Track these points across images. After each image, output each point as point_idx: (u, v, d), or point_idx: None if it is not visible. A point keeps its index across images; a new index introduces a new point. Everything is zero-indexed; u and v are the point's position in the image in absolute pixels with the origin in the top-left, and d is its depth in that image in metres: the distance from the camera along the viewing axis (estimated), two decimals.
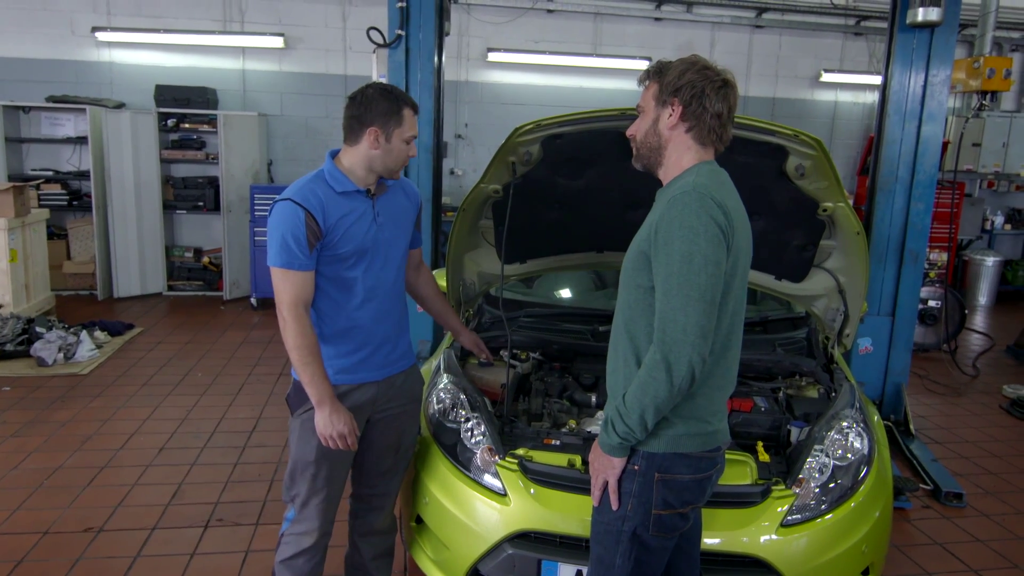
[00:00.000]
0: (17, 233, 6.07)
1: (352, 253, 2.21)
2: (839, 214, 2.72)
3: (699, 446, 1.84)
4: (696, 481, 1.85)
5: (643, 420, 1.75)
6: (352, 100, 2.22)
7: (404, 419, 2.47)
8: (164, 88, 7.45)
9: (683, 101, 1.80)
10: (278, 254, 2.13)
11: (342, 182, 2.21)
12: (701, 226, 1.68)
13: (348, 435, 2.17)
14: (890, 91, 4.20)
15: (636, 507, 1.84)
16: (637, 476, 1.83)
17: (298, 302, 2.14)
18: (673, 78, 1.81)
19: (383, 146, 2.19)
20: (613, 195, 2.94)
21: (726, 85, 1.81)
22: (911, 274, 4.38)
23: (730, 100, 1.81)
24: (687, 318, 1.67)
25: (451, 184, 8.30)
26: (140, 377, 5.23)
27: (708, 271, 1.67)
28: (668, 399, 1.72)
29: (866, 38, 9.05)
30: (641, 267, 1.80)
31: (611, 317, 3.30)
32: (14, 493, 3.56)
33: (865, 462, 2.50)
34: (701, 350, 1.68)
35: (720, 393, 1.88)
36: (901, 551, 3.32)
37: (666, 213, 1.73)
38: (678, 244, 1.68)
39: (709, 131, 1.82)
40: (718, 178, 1.81)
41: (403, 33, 4.21)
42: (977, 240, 8.92)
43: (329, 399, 2.15)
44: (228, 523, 3.36)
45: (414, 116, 2.25)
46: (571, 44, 8.45)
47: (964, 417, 5.12)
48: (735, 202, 1.81)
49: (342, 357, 2.28)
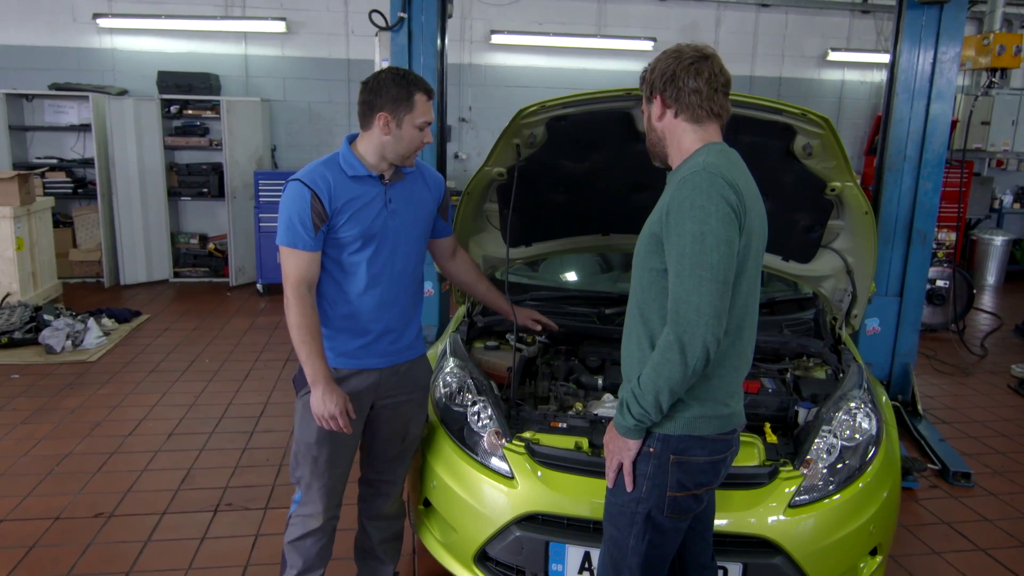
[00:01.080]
0: (23, 221, 6.08)
1: (357, 237, 2.19)
2: (847, 194, 2.69)
3: (715, 428, 1.83)
4: (711, 463, 1.85)
5: (658, 402, 1.74)
6: (364, 85, 2.19)
7: (411, 407, 2.46)
8: (166, 74, 7.43)
9: (659, 90, 1.84)
10: (284, 233, 2.15)
11: (354, 166, 2.20)
12: (712, 206, 1.67)
13: (339, 416, 2.14)
14: (898, 69, 4.14)
15: (651, 489, 1.84)
16: (652, 458, 1.83)
17: (301, 282, 2.14)
18: (648, 74, 1.88)
19: (394, 132, 2.16)
20: (618, 177, 2.92)
21: (701, 60, 1.80)
22: (919, 254, 4.35)
23: (705, 72, 1.80)
24: (700, 299, 1.66)
25: (455, 168, 8.27)
26: (148, 364, 5.26)
27: (720, 251, 1.66)
28: (682, 380, 1.71)
29: (874, 16, 8.94)
30: (654, 250, 1.79)
31: (617, 300, 3.34)
32: (25, 479, 3.58)
33: (873, 442, 2.49)
34: (715, 331, 1.67)
35: (736, 374, 1.87)
36: (909, 531, 3.32)
37: (676, 194, 1.72)
38: (689, 224, 1.67)
39: (694, 108, 1.81)
40: (729, 158, 1.79)
41: (405, 16, 4.17)
42: (985, 219, 8.85)
43: (324, 379, 2.14)
44: (237, 507, 3.38)
45: (427, 101, 2.19)
46: (575, 25, 8.38)
47: (972, 397, 5.10)
48: (747, 181, 1.79)
49: (344, 341, 2.27)
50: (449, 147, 7.82)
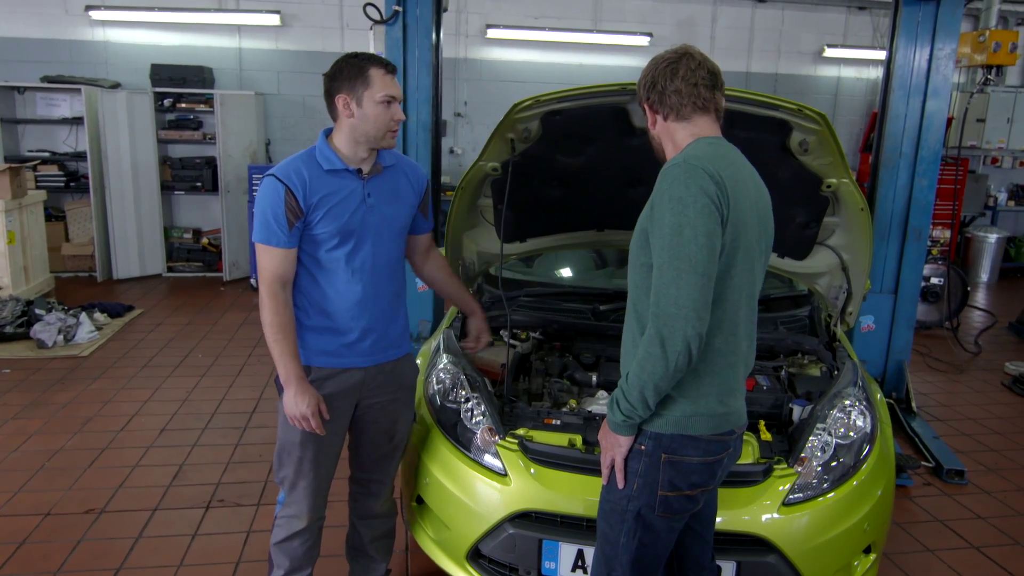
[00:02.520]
0: (15, 215, 6.03)
1: (334, 234, 2.15)
2: (843, 190, 2.68)
3: (709, 428, 1.80)
4: (705, 464, 1.82)
5: (643, 397, 1.72)
6: (324, 76, 2.16)
7: (397, 407, 2.42)
8: (160, 67, 7.38)
9: (645, 99, 1.89)
10: (259, 229, 2.12)
11: (330, 160, 2.15)
12: (690, 197, 1.65)
13: (311, 417, 2.10)
14: (895, 66, 4.13)
15: (642, 487, 1.82)
16: (644, 456, 1.81)
17: (275, 279, 2.12)
18: (638, 87, 1.93)
19: (356, 112, 2.11)
20: (613, 172, 2.90)
21: (673, 60, 1.82)
22: (914, 251, 4.35)
23: (680, 70, 1.80)
24: (679, 291, 1.64)
25: (450, 163, 8.24)
26: (140, 359, 5.23)
27: (698, 243, 1.64)
28: (665, 376, 1.69)
29: (870, 12, 8.93)
30: (643, 245, 1.77)
31: (611, 296, 3.33)
32: (15, 475, 3.56)
33: (867, 440, 2.48)
34: (696, 325, 1.65)
35: (731, 372, 1.84)
36: (903, 528, 3.32)
37: (658, 187, 1.73)
38: (668, 217, 1.67)
39: (678, 107, 1.82)
40: (716, 150, 1.77)
41: (400, 9, 4.14)
42: (980, 217, 8.87)
43: (296, 379, 2.10)
44: (229, 504, 3.36)
45: (385, 75, 2.11)
46: (570, 20, 8.35)
47: (966, 394, 5.11)
48: (735, 173, 1.76)
49: (325, 340, 2.23)
50: (444, 142, 7.80)
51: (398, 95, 2.15)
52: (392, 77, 2.14)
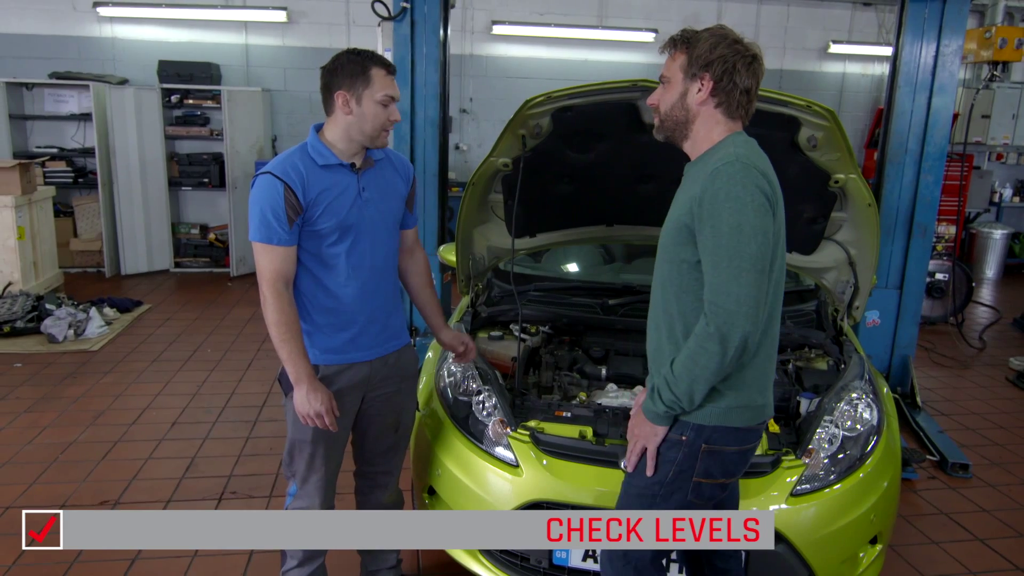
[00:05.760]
0: (24, 211, 6.08)
1: (334, 229, 2.15)
2: (851, 186, 2.70)
3: (748, 419, 1.83)
4: (741, 453, 1.86)
5: (691, 391, 1.75)
6: (322, 69, 2.17)
7: (401, 397, 2.44)
8: (167, 64, 7.41)
9: (714, 76, 1.77)
10: (258, 229, 2.10)
11: (324, 155, 2.15)
12: (748, 196, 1.67)
13: (325, 414, 2.11)
14: (901, 62, 4.15)
15: (676, 475, 1.84)
16: (684, 446, 1.83)
17: (277, 278, 2.10)
18: (704, 51, 1.77)
19: (355, 110, 2.11)
20: (623, 169, 2.93)
21: (755, 60, 1.79)
22: (919, 247, 4.37)
23: (758, 75, 1.80)
24: (740, 289, 1.66)
25: (456, 159, 8.26)
26: (150, 353, 5.27)
27: (758, 240, 1.67)
28: (718, 371, 1.71)
29: (875, 8, 8.92)
30: (683, 241, 1.78)
31: (620, 291, 3.35)
32: (29, 468, 3.60)
33: (874, 433, 2.51)
34: (755, 321, 1.68)
35: (769, 363, 1.87)
36: (908, 521, 3.35)
37: (710, 186, 1.71)
38: (727, 216, 1.67)
39: (738, 106, 1.81)
40: (755, 148, 1.80)
41: (408, 5, 4.15)
42: (985, 213, 8.86)
43: (307, 378, 2.11)
44: (241, 496, 3.40)
45: (387, 75, 2.12)
46: (576, 16, 8.36)
47: (970, 389, 5.13)
48: (772, 172, 1.79)
49: (329, 337, 2.23)
50: (450, 138, 7.81)
51: (397, 96, 2.17)
52: (392, 78, 2.16)
